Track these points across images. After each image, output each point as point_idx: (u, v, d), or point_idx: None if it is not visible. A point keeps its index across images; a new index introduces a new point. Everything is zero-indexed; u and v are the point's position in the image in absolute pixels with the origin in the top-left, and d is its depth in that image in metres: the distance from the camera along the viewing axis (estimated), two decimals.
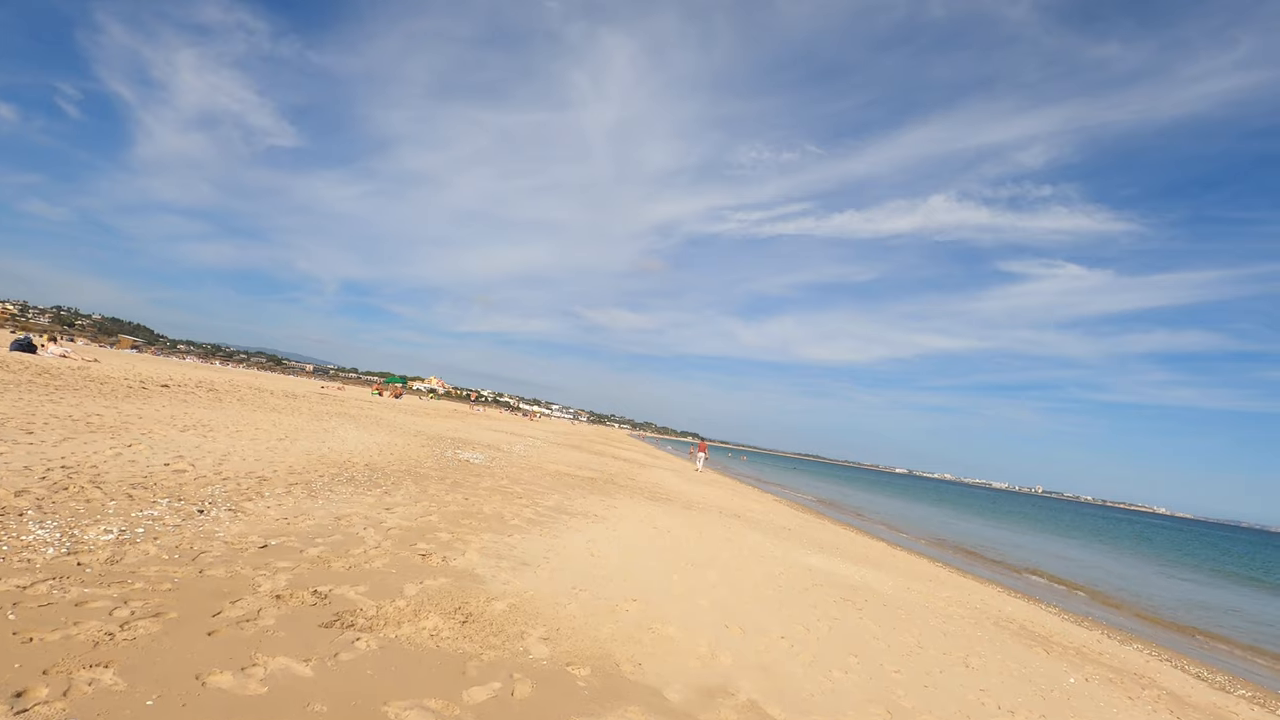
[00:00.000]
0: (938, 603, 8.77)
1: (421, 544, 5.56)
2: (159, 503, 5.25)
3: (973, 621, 7.92)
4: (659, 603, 5.34)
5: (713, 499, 17.38)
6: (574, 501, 10.11)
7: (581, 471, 16.46)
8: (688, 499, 15.40)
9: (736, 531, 11.15)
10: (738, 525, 12.22)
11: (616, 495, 12.59)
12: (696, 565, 7.18)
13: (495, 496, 8.92)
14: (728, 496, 20.25)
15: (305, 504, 6.21)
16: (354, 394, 50.65)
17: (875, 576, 9.73)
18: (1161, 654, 9.46)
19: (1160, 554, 33.78)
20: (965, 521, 36.16)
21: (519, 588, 4.90)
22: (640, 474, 20.50)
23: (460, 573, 4.96)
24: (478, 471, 11.49)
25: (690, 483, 22.11)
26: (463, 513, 7.30)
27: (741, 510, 16.10)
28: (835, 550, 12.15)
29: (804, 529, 15.47)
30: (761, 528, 12.98)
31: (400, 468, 9.92)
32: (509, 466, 13.73)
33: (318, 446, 10.49)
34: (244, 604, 3.53)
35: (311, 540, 5.01)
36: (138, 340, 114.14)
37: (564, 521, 8.08)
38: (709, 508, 14.43)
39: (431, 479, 9.35)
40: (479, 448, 17.13)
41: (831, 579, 8.44)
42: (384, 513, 6.48)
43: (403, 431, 17.55)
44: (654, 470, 24.51)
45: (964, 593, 10.69)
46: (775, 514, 18.04)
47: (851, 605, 7.02)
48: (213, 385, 20.60)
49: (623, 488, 14.45)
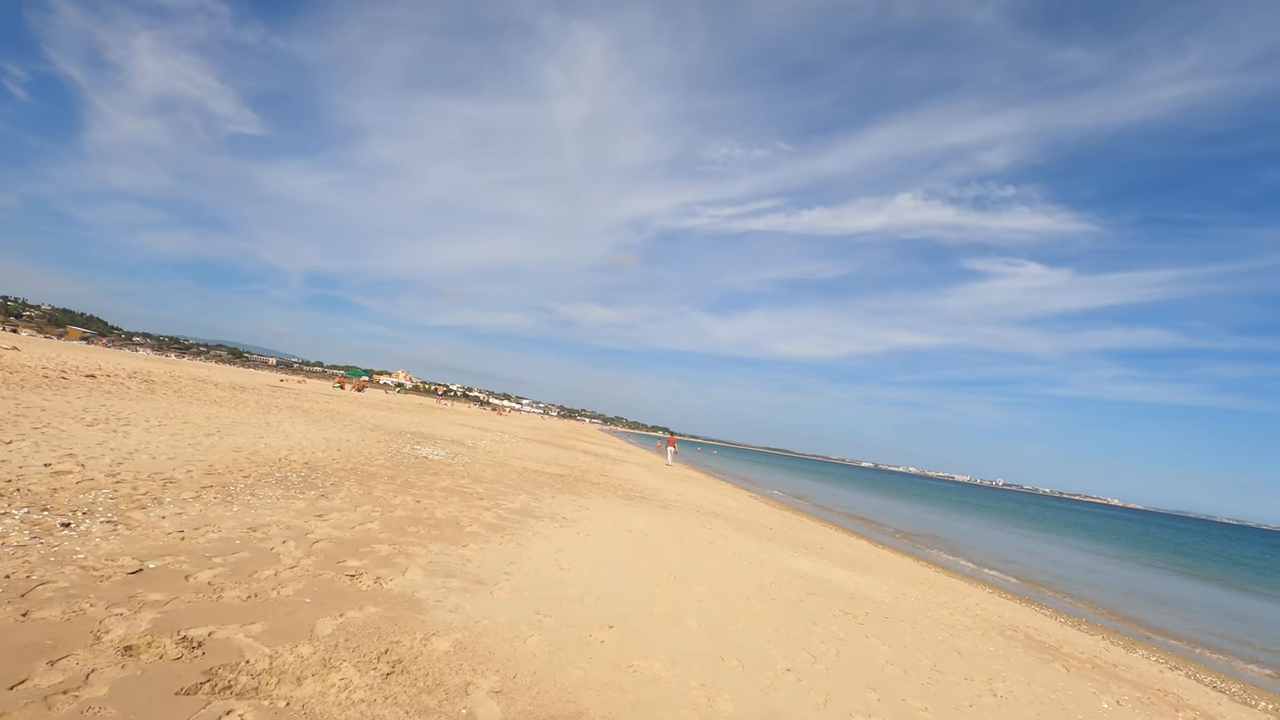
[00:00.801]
0: (937, 610, 8.10)
1: (353, 560, 4.58)
2: (11, 513, 4.17)
3: (980, 633, 7.25)
4: (640, 628, 4.47)
5: (689, 496, 16.60)
6: (542, 502, 9.17)
7: (550, 468, 15.50)
8: (664, 497, 14.58)
9: (718, 533, 10.36)
10: (718, 525, 11.43)
11: (588, 494, 11.69)
12: (680, 576, 6.33)
13: (452, 498, 7.93)
14: (704, 493, 19.51)
15: (215, 512, 5.16)
16: (314, 387, 48.66)
17: (868, 582, 9.03)
18: (1168, 660, 8.98)
19: (1133, 549, 34.32)
20: (938, 517, 36.22)
21: (469, 616, 3.97)
22: (613, 470, 19.63)
23: (396, 598, 4.01)
24: (435, 469, 10.46)
25: (664, 479, 21.32)
26: (411, 518, 6.32)
27: (719, 508, 15.35)
28: (821, 552, 11.46)
29: (785, 528, 14.79)
30: (743, 528, 12.23)
31: (345, 466, 8.84)
32: (472, 463, 12.71)
33: (252, 443, 9.34)
34: (69, 664, 2.53)
35: (207, 560, 4.00)
36: (88, 332, 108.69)
37: (529, 527, 7.15)
38: (686, 506, 13.63)
39: (380, 478, 8.32)
40: (441, 443, 16.04)
41: (825, 587, 7.70)
42: (314, 521, 5.47)
43: (359, 426, 16.34)
44: (627, 466, 23.65)
45: (957, 596, 10.09)
46: (753, 512, 17.35)
47: (853, 620, 6.25)
48: (149, 376, 19.03)
49: (595, 486, 13.56)
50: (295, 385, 44.63)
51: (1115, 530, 51.71)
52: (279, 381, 47.42)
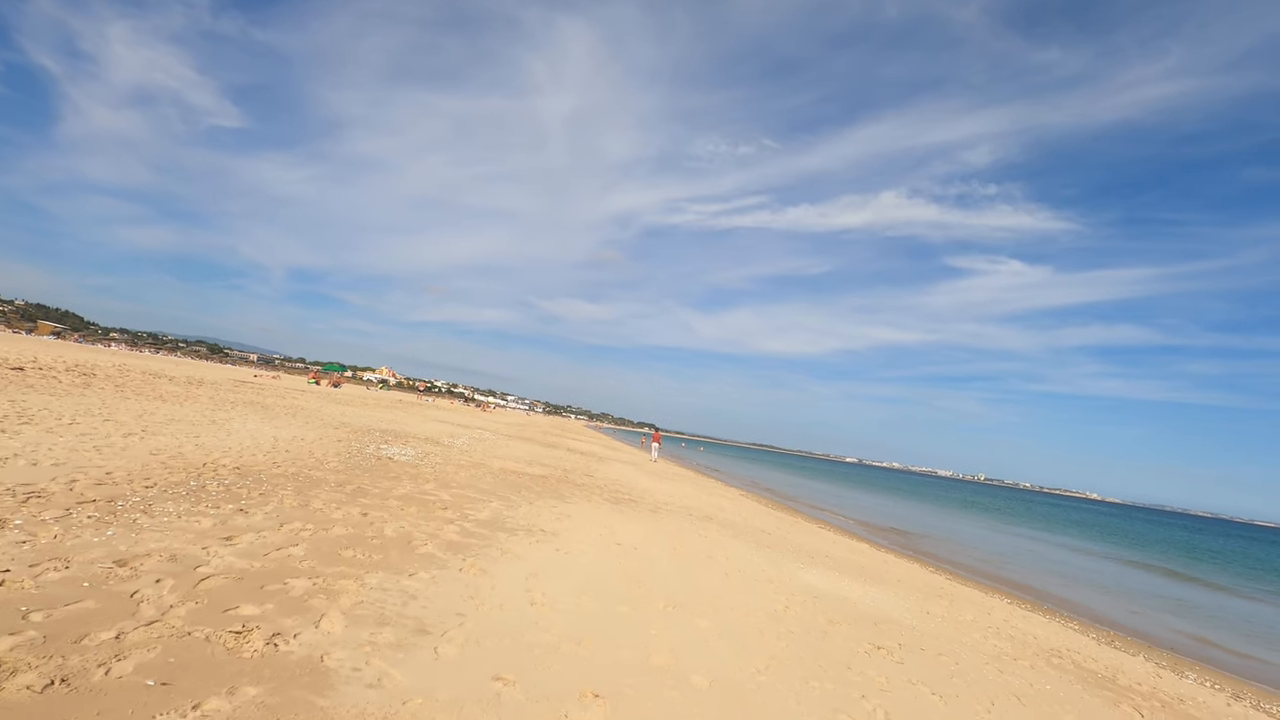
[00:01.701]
0: (969, 632, 7.09)
1: (249, 606, 3.42)
2: None
3: (1028, 664, 6.23)
4: (635, 695, 3.36)
5: (680, 497, 15.53)
6: (517, 511, 8.02)
7: (532, 468, 14.34)
8: (654, 499, 13.49)
9: (716, 542, 9.28)
10: (714, 532, 10.36)
11: (572, 498, 10.56)
12: (679, 606, 5.23)
13: (409, 508, 6.76)
14: (695, 493, 18.46)
15: (77, 538, 3.96)
16: (289, 383, 46.99)
17: (886, 598, 8.00)
18: (1225, 686, 8.06)
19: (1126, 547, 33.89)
20: (929, 514, 35.57)
21: (396, 692, 2.83)
22: (599, 469, 18.50)
23: (293, 669, 2.86)
24: (398, 472, 9.26)
25: (654, 478, 20.24)
26: (351, 538, 5.15)
27: (712, 510, 14.29)
28: (827, 560, 10.44)
29: (782, 531, 13.77)
30: (740, 533, 11.18)
31: (287, 470, 7.62)
32: (444, 464, 11.51)
33: (179, 444, 8.08)
34: None
35: (20, 618, 2.82)
36: (59, 327, 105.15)
37: (499, 544, 6.00)
38: (678, 510, 12.55)
39: (325, 485, 7.11)
40: (413, 441, 14.80)
41: (844, 608, 6.64)
42: (215, 546, 4.28)
43: (324, 423, 15.05)
44: (613, 464, 22.53)
45: (981, 610, 9.11)
46: (748, 513, 16.34)
47: (889, 657, 5.19)
48: (92, 369, 17.54)
49: (579, 488, 12.43)
50: (269, 380, 42.97)
51: (1107, 527, 51.63)
52: (252, 377, 45.68)
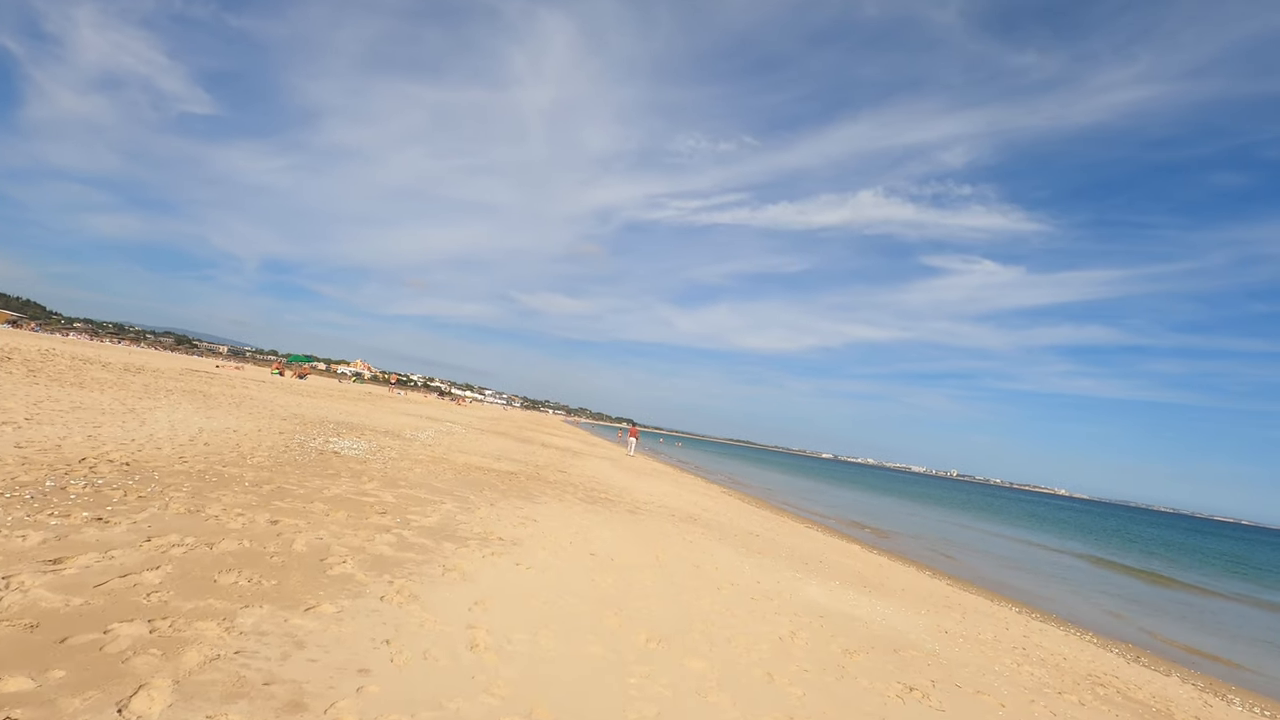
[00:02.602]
0: (998, 656, 6.15)
1: (17, 678, 2.25)
2: None
3: (1075, 698, 5.28)
4: None
5: (660, 495, 14.49)
6: (474, 514, 6.87)
7: (500, 464, 13.17)
8: (633, 498, 12.42)
9: (702, 548, 8.25)
10: (700, 535, 9.33)
11: (542, 497, 9.43)
12: (666, 640, 4.15)
13: (337, 513, 5.57)
14: (675, 491, 17.45)
15: None
16: (252, 374, 44.94)
17: (896, 613, 7.04)
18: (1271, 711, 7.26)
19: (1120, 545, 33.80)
20: (917, 512, 35.12)
21: None
22: (574, 465, 17.38)
23: None
24: (338, 468, 8.03)
25: (632, 475, 19.18)
26: (243, 555, 3.97)
27: (695, 510, 13.28)
28: (823, 568, 9.49)
29: (771, 533, 12.81)
30: (727, 536, 10.17)
31: (194, 467, 6.36)
32: (399, 460, 10.30)
33: (67, 434, 6.77)
34: None
35: None
36: (16, 315, 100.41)
37: (443, 558, 4.86)
38: (659, 509, 11.50)
39: (237, 485, 5.88)
40: (369, 434, 13.52)
41: (856, 631, 5.64)
42: (26, 574, 3.08)
43: (271, 414, 13.69)
44: (590, 460, 21.42)
45: (998, 625, 8.22)
46: (732, 512, 15.37)
47: (925, 700, 4.18)
48: (10, 352, 15.89)
49: (551, 485, 11.30)
50: (231, 371, 40.99)
51: (1078, 524, 52.01)
52: (214, 367, 43.60)
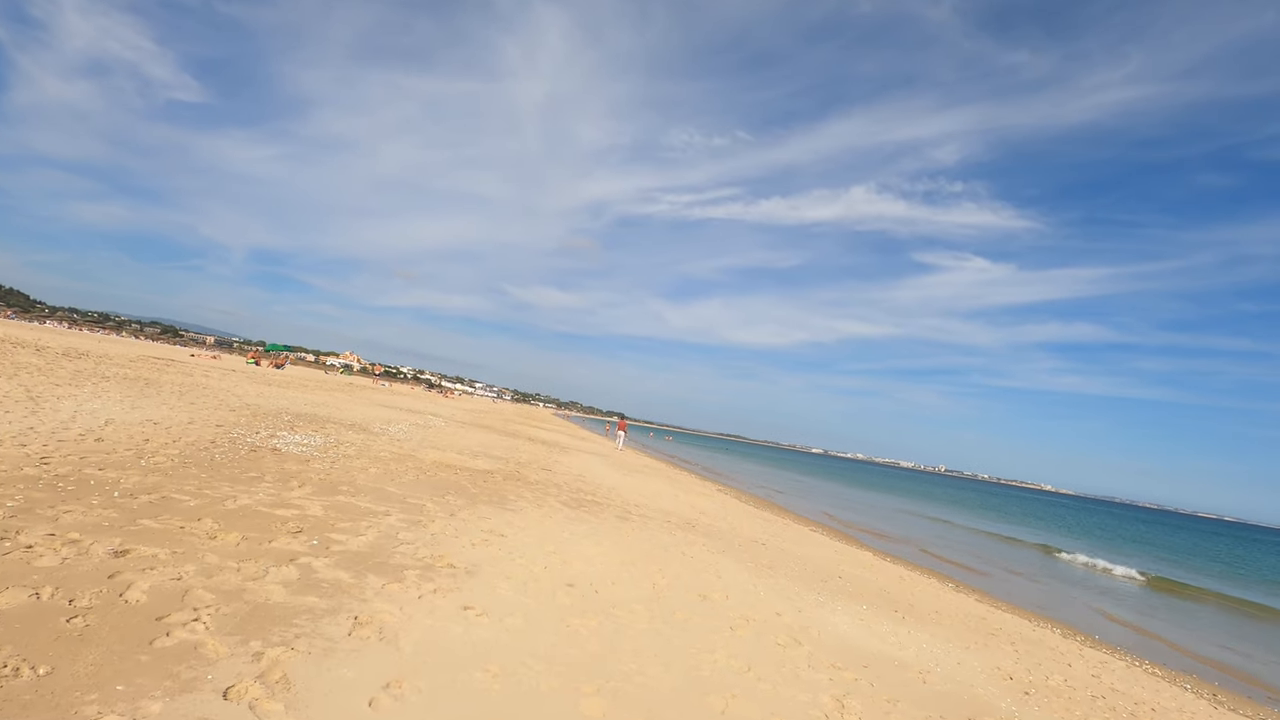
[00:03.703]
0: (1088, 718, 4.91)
1: None
2: None
3: None
4: None
5: (652, 496, 13.22)
6: (425, 527, 5.54)
7: (477, 461, 11.83)
8: (623, 499, 11.13)
9: (706, 563, 6.96)
10: (701, 548, 8.06)
11: (518, 502, 8.12)
12: None
13: (227, 535, 4.20)
14: (668, 490, 16.19)
15: None
16: (228, 363, 43.25)
17: (943, 650, 5.80)
18: None
19: None
20: (916, 512, 34.13)
21: None
22: (560, 462, 16.06)
23: None
24: (266, 470, 6.66)
25: (622, 471, 17.89)
26: (24, 614, 2.62)
27: (692, 513, 12.02)
28: (843, 584, 8.25)
29: (778, 539, 11.57)
30: (730, 546, 8.91)
31: (55, 470, 4.95)
32: (356, 457, 8.94)
33: None
34: None
35: None
36: None
37: (358, 604, 3.52)
38: (652, 513, 10.22)
39: (101, 494, 4.50)
40: (332, 428, 12.12)
41: (911, 684, 4.37)
42: None
43: (218, 405, 12.26)
44: (578, 455, 20.11)
45: (1059, 660, 7.00)
46: (732, 515, 14.12)
47: None
48: None
49: (532, 486, 9.99)
50: (206, 360, 39.31)
51: (1100, 526, 51.35)
52: (189, 356, 41.93)
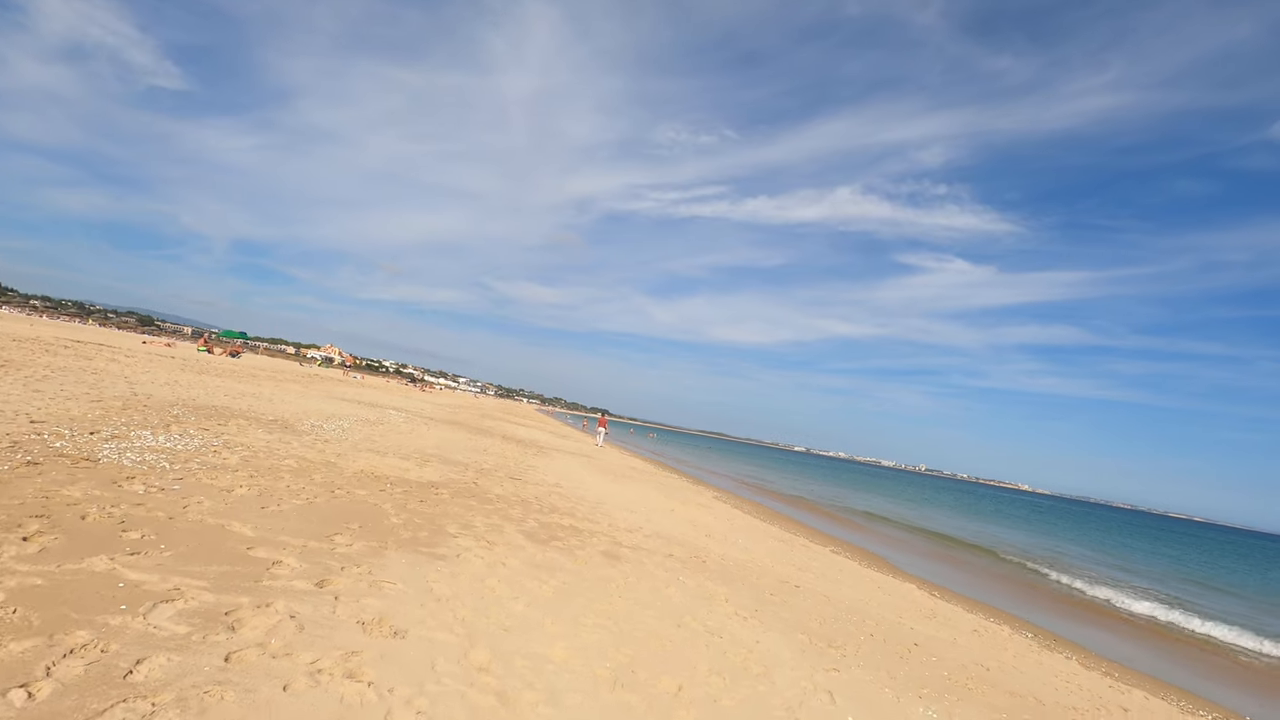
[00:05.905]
0: None
1: None
2: None
3: None
4: None
5: (646, 512, 10.65)
6: (238, 632, 2.93)
7: (425, 469, 9.17)
8: (610, 523, 8.53)
9: (740, 649, 4.43)
10: (726, 610, 5.52)
11: (459, 539, 5.51)
12: None
13: None
14: (662, 500, 13.66)
15: None
16: (183, 351, 39.97)
17: None
18: None
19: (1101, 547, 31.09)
20: (915, 517, 31.96)
21: None
22: (535, 467, 13.42)
23: None
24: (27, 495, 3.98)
25: (608, 477, 15.31)
26: None
27: (698, 537, 9.49)
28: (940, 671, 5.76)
29: (811, 576, 9.07)
30: (764, 602, 6.38)
31: None
32: (238, 468, 6.25)
33: None
34: None
35: None
36: None
37: None
38: (649, 543, 7.64)
39: None
40: (236, 425, 9.34)
41: None
42: None
43: (85, 395, 9.45)
44: (557, 457, 17.47)
45: None
46: (743, 535, 11.62)
47: None
48: None
49: (490, 505, 7.38)
50: (159, 348, 36.19)
51: (1105, 532, 49.82)
52: (140, 343, 38.73)
